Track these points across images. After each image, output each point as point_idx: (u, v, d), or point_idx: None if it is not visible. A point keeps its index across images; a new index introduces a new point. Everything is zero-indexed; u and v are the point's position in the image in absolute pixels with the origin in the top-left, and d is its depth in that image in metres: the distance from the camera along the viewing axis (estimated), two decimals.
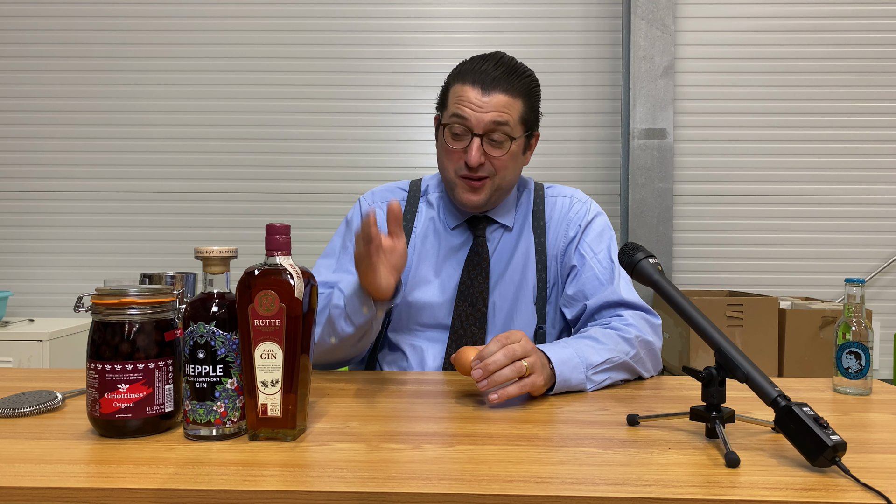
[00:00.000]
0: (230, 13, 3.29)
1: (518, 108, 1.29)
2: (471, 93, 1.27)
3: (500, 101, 1.26)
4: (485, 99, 1.26)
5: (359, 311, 1.18)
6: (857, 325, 1.14)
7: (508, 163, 1.31)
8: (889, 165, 3.25)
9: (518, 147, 1.32)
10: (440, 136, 1.34)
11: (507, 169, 1.32)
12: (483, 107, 1.26)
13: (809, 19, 3.24)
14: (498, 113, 1.26)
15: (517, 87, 1.28)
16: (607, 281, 1.33)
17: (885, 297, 3.27)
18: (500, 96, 1.26)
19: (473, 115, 1.26)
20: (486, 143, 1.28)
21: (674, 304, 0.94)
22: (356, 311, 1.19)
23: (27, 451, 0.81)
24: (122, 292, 0.86)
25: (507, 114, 1.27)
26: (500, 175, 1.31)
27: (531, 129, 1.35)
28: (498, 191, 1.34)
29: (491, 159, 1.29)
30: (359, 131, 3.30)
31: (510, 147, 1.29)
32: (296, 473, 0.74)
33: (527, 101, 1.31)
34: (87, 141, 3.30)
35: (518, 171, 1.38)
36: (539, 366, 1.06)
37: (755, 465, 0.78)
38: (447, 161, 1.33)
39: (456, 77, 1.31)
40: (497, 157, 1.29)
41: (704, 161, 3.27)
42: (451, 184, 1.35)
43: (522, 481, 0.72)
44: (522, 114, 1.30)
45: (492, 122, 1.26)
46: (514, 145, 1.30)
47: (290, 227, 0.88)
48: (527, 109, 1.31)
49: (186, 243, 3.22)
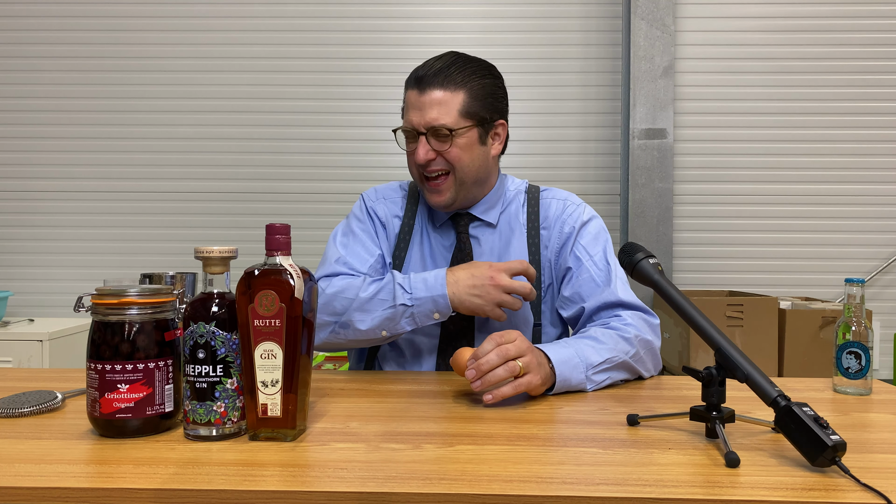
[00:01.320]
0: (230, 13, 3.29)
1: (458, 101, 1.30)
2: (411, 96, 1.32)
3: (435, 97, 1.30)
4: (422, 98, 1.30)
5: (429, 315, 1.24)
6: (857, 325, 1.14)
7: (462, 155, 1.32)
8: (889, 165, 3.25)
9: (467, 139, 1.32)
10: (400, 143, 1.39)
11: (462, 161, 1.32)
12: (421, 106, 1.30)
13: (809, 19, 3.24)
14: (435, 109, 1.29)
15: (454, 80, 1.30)
16: (604, 283, 1.34)
17: (885, 297, 3.27)
18: (435, 92, 1.30)
19: (415, 117, 1.31)
20: (432, 140, 1.31)
21: (674, 304, 0.94)
22: (426, 314, 1.24)
23: (27, 451, 0.81)
24: (122, 292, 0.86)
25: (445, 109, 1.29)
26: (458, 168, 1.32)
27: (481, 120, 1.34)
28: (462, 185, 1.34)
29: (445, 154, 1.31)
30: (359, 131, 3.29)
31: (454, 140, 1.30)
32: (296, 473, 0.74)
33: (469, 92, 1.31)
34: (87, 141, 3.30)
35: (479, 163, 1.36)
36: (535, 365, 1.05)
37: (755, 465, 0.78)
38: (410, 166, 1.38)
39: (406, 84, 1.36)
40: (445, 150, 1.31)
41: (704, 161, 3.27)
42: (419, 187, 1.40)
43: (522, 481, 0.72)
44: (464, 106, 1.31)
45: (429, 119, 1.29)
46: (459, 138, 1.31)
47: (290, 227, 0.88)
48: (469, 100, 1.31)
49: (186, 243, 3.22)
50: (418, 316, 1.24)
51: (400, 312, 1.24)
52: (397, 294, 1.24)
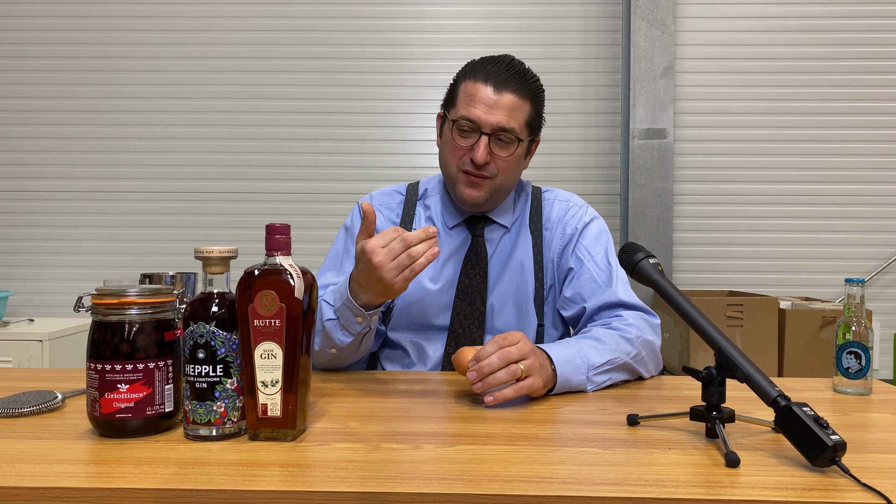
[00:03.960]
0: (231, 13, 3.29)
1: (526, 111, 1.30)
2: (482, 91, 1.27)
3: (511, 101, 1.27)
4: (495, 98, 1.27)
5: (353, 321, 1.18)
6: (857, 325, 1.14)
7: (511, 164, 1.32)
8: (889, 165, 3.25)
9: (522, 150, 1.33)
10: (446, 132, 1.34)
11: (508, 171, 1.32)
12: (493, 106, 1.27)
13: (809, 19, 3.24)
14: (508, 113, 1.27)
15: (526, 90, 1.29)
16: (605, 283, 1.34)
17: (885, 297, 3.27)
18: (511, 97, 1.27)
19: (484, 114, 1.27)
20: (493, 143, 1.29)
21: (674, 304, 0.94)
22: (350, 322, 1.18)
23: (27, 451, 0.81)
24: (122, 292, 0.86)
25: (516, 115, 1.28)
26: (502, 176, 1.32)
27: (535, 133, 1.35)
28: (498, 192, 1.34)
29: (495, 159, 1.29)
30: (359, 132, 3.29)
31: (516, 149, 1.30)
32: (296, 473, 0.74)
33: (534, 105, 1.32)
34: (87, 141, 3.30)
35: (518, 175, 1.38)
36: (537, 367, 1.05)
37: (755, 465, 0.78)
38: (450, 156, 1.33)
39: (467, 75, 1.32)
40: (502, 157, 1.29)
41: (704, 161, 3.27)
42: (452, 179, 1.35)
43: (522, 481, 0.72)
44: (529, 117, 1.31)
45: (501, 121, 1.27)
46: (519, 147, 1.31)
47: (290, 227, 0.88)
48: (533, 113, 1.32)
49: (186, 243, 3.22)
50: (347, 325, 1.19)
51: (331, 327, 1.21)
52: (324, 310, 1.22)
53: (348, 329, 1.19)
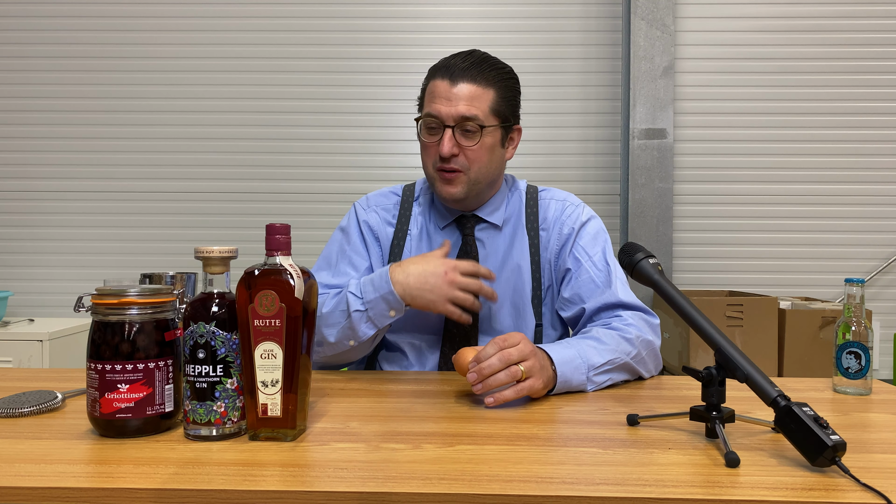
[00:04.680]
0: (230, 13, 3.29)
1: (489, 97, 1.29)
2: (440, 86, 1.29)
3: (469, 90, 1.28)
4: (453, 90, 1.28)
5: (385, 314, 1.22)
6: (857, 325, 1.14)
7: (483, 154, 1.31)
8: (889, 165, 3.25)
9: (493, 139, 1.32)
10: (419, 133, 1.36)
11: (481, 161, 1.31)
12: (452, 98, 1.28)
13: (809, 19, 3.24)
14: (467, 102, 1.27)
15: (486, 77, 1.29)
16: (604, 284, 1.33)
17: (885, 297, 3.27)
18: (468, 86, 1.28)
19: (444, 107, 1.28)
20: (459, 134, 1.29)
21: (674, 304, 0.94)
22: (381, 314, 1.22)
23: (27, 451, 0.81)
24: (122, 292, 0.86)
25: (477, 103, 1.28)
26: (475, 168, 1.31)
27: (507, 121, 1.34)
28: (476, 185, 1.33)
29: (464, 151, 1.30)
30: (358, 132, 3.29)
31: (481, 137, 1.29)
32: (296, 473, 0.74)
33: (498, 92, 1.31)
34: (87, 141, 3.30)
35: (496, 165, 1.36)
36: (538, 369, 1.05)
37: (755, 465, 0.78)
38: (426, 157, 1.35)
39: (430, 74, 1.33)
40: (470, 147, 1.29)
41: (704, 161, 3.27)
42: (430, 179, 1.36)
43: (522, 481, 0.72)
44: (494, 104, 1.30)
45: (461, 111, 1.27)
46: (487, 136, 1.30)
47: (290, 227, 0.88)
48: (498, 99, 1.31)
49: (186, 243, 3.22)
50: (375, 318, 1.22)
51: (357, 319, 1.23)
52: (350, 302, 1.23)
53: (374, 321, 1.22)
